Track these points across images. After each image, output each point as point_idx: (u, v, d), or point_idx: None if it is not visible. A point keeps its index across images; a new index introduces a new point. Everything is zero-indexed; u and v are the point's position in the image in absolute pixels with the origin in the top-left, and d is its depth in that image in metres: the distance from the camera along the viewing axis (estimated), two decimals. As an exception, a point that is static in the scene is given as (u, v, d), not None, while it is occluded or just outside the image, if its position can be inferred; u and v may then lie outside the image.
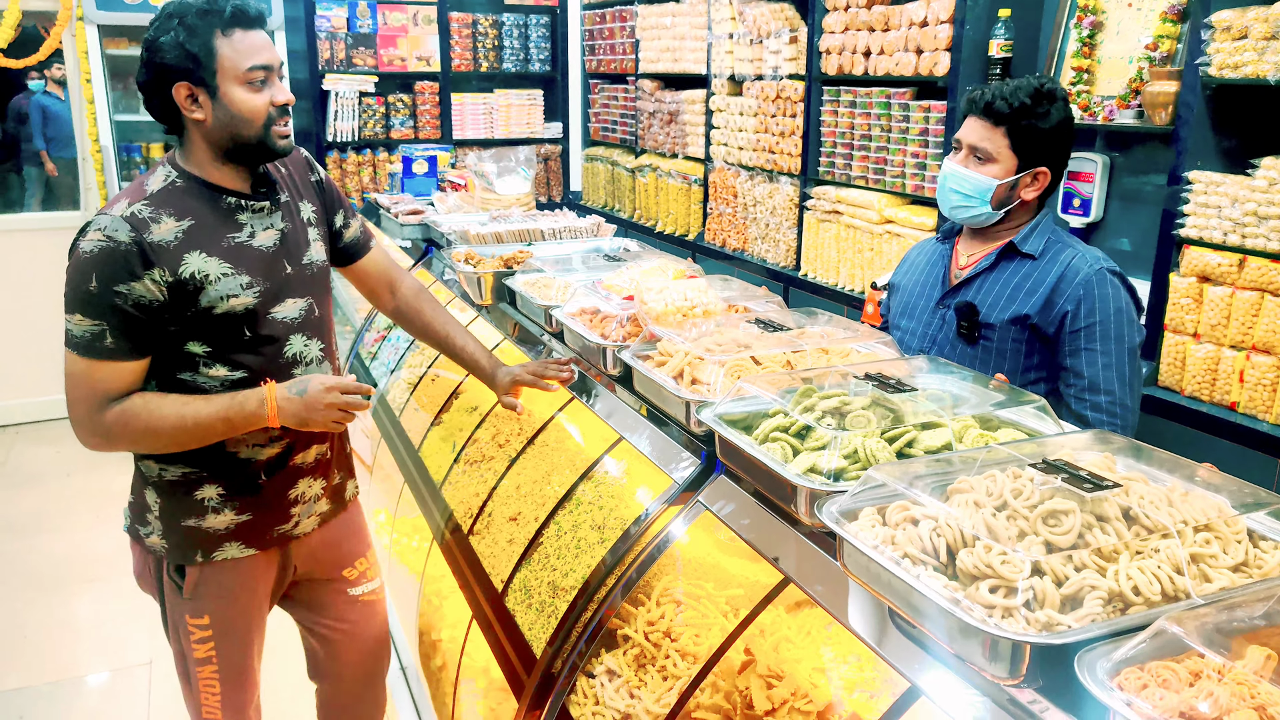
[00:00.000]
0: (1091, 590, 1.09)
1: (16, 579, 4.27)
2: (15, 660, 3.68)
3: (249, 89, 1.86)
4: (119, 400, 1.86)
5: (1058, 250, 2.18)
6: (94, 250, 1.79)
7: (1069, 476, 1.24)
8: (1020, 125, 2.10)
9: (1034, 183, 2.17)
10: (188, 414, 1.86)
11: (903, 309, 2.45)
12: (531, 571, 2.03)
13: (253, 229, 1.97)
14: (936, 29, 3.57)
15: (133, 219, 1.81)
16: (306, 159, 2.21)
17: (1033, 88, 2.10)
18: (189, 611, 2.08)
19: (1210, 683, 0.93)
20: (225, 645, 2.12)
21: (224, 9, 1.82)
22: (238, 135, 1.89)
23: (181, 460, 1.98)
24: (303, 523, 2.16)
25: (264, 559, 2.12)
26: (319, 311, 2.10)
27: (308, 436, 2.09)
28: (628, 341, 2.17)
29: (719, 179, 5.08)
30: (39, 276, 5.87)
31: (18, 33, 5.54)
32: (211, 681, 2.14)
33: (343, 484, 2.28)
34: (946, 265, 2.35)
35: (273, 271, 1.98)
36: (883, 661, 1.28)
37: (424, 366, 3.26)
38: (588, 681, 1.72)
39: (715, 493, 1.71)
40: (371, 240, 2.36)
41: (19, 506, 4.98)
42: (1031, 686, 1.06)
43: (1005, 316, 2.17)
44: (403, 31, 6.26)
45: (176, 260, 1.83)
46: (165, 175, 1.92)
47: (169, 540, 2.03)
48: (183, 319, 1.87)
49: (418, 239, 4.03)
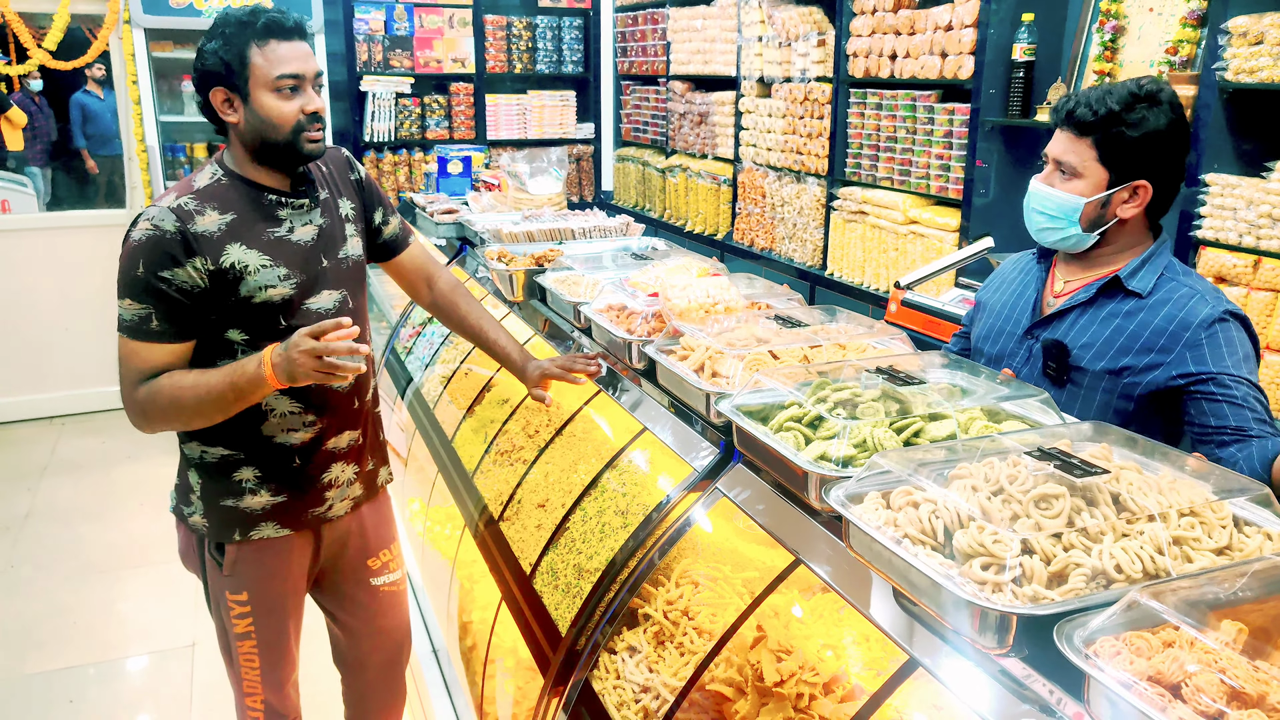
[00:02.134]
0: (1076, 568, 1.17)
1: (64, 565, 4.44)
2: (64, 642, 3.84)
3: (278, 96, 1.99)
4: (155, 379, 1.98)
5: (1171, 289, 1.89)
6: (142, 239, 1.93)
7: (1061, 464, 1.31)
8: (1109, 134, 1.85)
9: (1132, 199, 1.89)
10: (201, 384, 1.96)
11: (986, 333, 2.18)
12: (558, 555, 2.12)
13: (292, 224, 2.10)
14: (961, 33, 3.63)
15: (179, 211, 1.95)
16: (347, 158, 2.32)
17: (1127, 92, 1.84)
18: (229, 588, 2.19)
19: (1179, 650, 1.00)
20: (263, 621, 2.23)
21: (258, 21, 1.96)
22: (267, 138, 2.02)
23: (221, 443, 2.11)
24: (336, 506, 2.26)
25: (299, 540, 2.23)
26: (353, 303, 2.21)
27: (339, 421, 2.20)
28: (652, 336, 2.26)
29: (747, 179, 5.16)
30: (84, 273, 6.07)
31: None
32: (251, 656, 2.25)
33: (375, 470, 2.39)
34: (1039, 290, 2.08)
35: (309, 264, 2.10)
36: (886, 638, 1.36)
37: (457, 361, 3.37)
38: (609, 657, 1.82)
39: (733, 480, 1.79)
40: (410, 237, 2.48)
41: (66, 496, 5.15)
42: (1018, 656, 1.14)
43: (1100, 365, 1.91)
44: (438, 34, 6.39)
45: (218, 251, 1.96)
46: (212, 173, 2.06)
47: (209, 519, 2.16)
48: (223, 307, 2.00)
49: (452, 237, 4.15)
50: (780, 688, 1.48)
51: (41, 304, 6.03)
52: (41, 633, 3.89)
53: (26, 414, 6.16)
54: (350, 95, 6.34)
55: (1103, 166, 1.87)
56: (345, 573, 2.40)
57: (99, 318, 6.12)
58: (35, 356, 6.08)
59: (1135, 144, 1.84)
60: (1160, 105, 1.84)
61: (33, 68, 5.76)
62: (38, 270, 5.98)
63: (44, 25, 5.70)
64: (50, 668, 3.67)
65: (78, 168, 9.62)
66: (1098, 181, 1.88)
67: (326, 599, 2.44)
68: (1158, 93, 1.85)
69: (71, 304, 6.10)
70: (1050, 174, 1.95)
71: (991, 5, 3.49)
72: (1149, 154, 1.86)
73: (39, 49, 5.64)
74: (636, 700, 1.71)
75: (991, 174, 3.67)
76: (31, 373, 6.10)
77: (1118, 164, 1.86)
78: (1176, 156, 1.89)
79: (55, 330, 6.11)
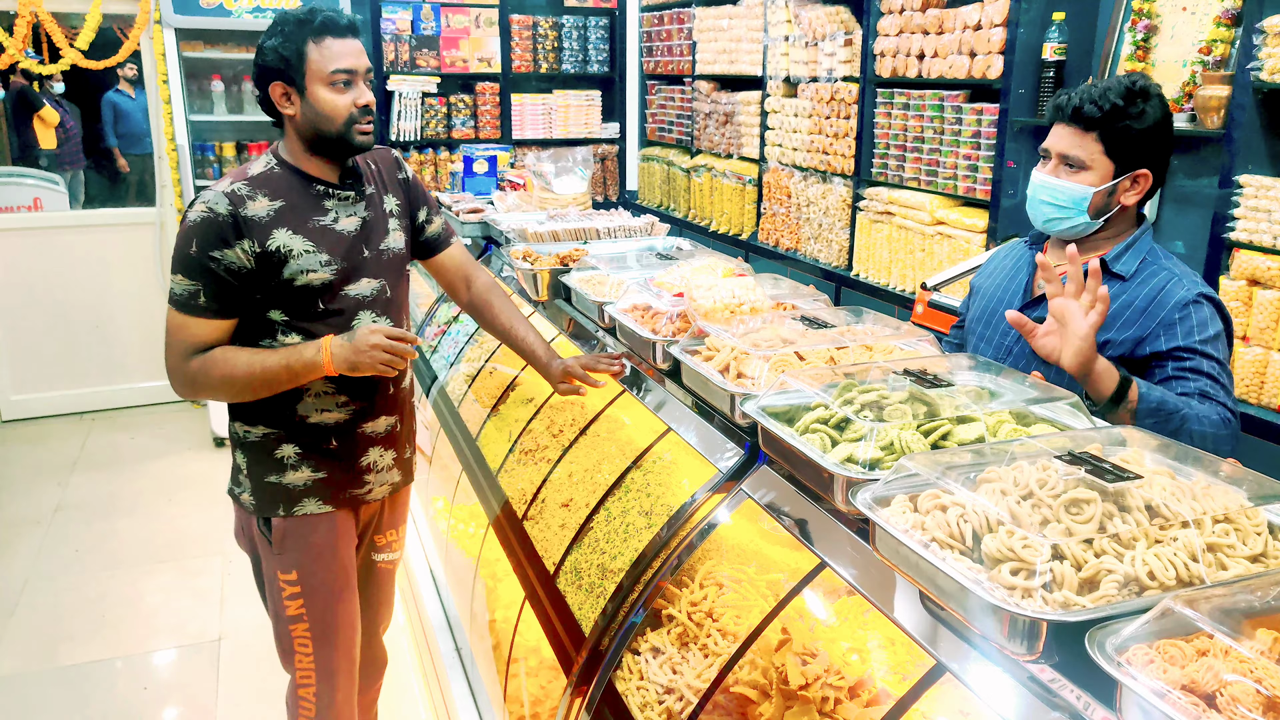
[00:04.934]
0: (1108, 574, 1.15)
1: (94, 559, 4.49)
2: (93, 635, 3.88)
3: (333, 90, 2.11)
4: (204, 352, 2.12)
5: (1152, 272, 2.02)
6: (197, 220, 2.06)
7: (1092, 468, 1.30)
8: (1115, 128, 1.96)
9: (1134, 186, 2.01)
10: (255, 362, 2.11)
11: (980, 315, 2.31)
12: (582, 554, 2.12)
13: (337, 214, 2.22)
14: (990, 32, 3.60)
15: (232, 195, 2.08)
16: (396, 158, 2.44)
17: (1124, 87, 1.96)
18: (279, 567, 2.29)
19: (1213, 659, 0.99)
20: (314, 602, 2.30)
21: (315, 19, 2.08)
22: (321, 130, 2.14)
23: (262, 422, 2.25)
24: (376, 490, 2.39)
25: (341, 516, 2.33)
26: (391, 293, 2.31)
27: (374, 407, 2.31)
28: (677, 337, 2.25)
29: (773, 179, 5.14)
30: (115, 271, 6.14)
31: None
32: (304, 640, 2.32)
33: (412, 458, 2.51)
34: (1030, 273, 2.22)
35: (351, 253, 2.22)
36: (913, 642, 1.35)
37: (481, 360, 3.38)
38: (633, 658, 1.81)
39: (757, 481, 1.78)
40: (453, 237, 2.58)
41: (97, 490, 5.21)
42: (1048, 663, 1.12)
43: None
44: (465, 34, 6.41)
45: (266, 234, 2.09)
46: (266, 162, 2.20)
47: (256, 496, 2.28)
48: (267, 288, 2.13)
49: (477, 237, 4.16)
50: (805, 691, 1.47)
51: (72, 301, 6.09)
52: (71, 625, 3.94)
53: (58, 409, 6.24)
54: (377, 95, 6.36)
55: (1109, 158, 1.99)
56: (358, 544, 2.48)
57: (130, 315, 6.19)
58: (67, 353, 6.14)
59: (1139, 136, 1.96)
60: (1153, 99, 1.97)
61: (65, 66, 5.82)
62: (69, 268, 6.05)
63: (76, 25, 5.76)
64: (80, 660, 3.71)
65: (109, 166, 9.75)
66: (1104, 173, 2.00)
67: None
68: (1149, 88, 1.98)
69: (102, 301, 6.16)
70: (1056, 167, 2.04)
71: (1022, 4, 3.46)
72: (1149, 145, 1.98)
73: (71, 48, 5.70)
74: (660, 701, 1.71)
75: (1020, 175, 3.63)
76: (63, 369, 6.17)
77: (1122, 155, 1.98)
78: (1169, 147, 2.03)
79: (86, 327, 6.18)
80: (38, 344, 6.08)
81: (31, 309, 6.02)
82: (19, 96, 8.34)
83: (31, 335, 6.06)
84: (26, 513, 4.94)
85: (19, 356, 6.07)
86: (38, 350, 6.09)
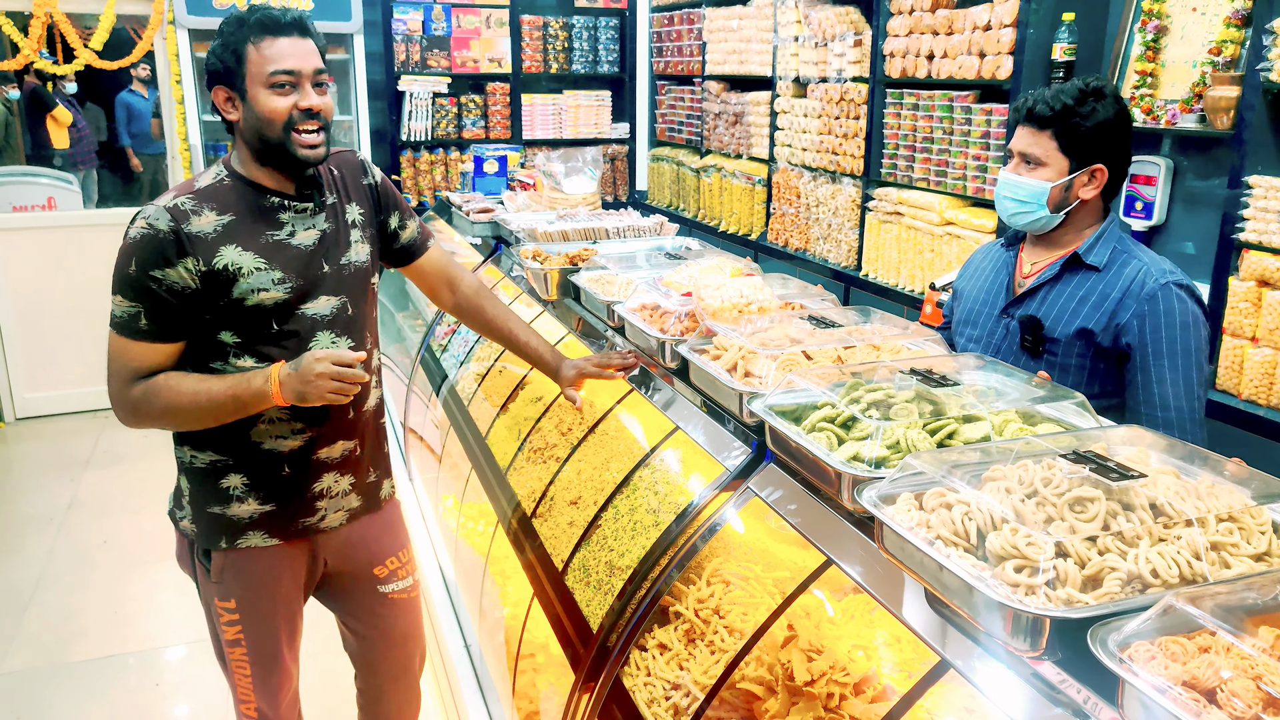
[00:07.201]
0: (1111, 572, 1.16)
1: (106, 555, 4.52)
2: (104, 632, 3.91)
3: (272, 92, 1.96)
4: (148, 378, 2.00)
5: (1123, 262, 2.13)
6: (137, 237, 1.94)
7: (1096, 467, 1.31)
8: (1066, 126, 2.08)
9: (1091, 181, 2.13)
10: (202, 390, 1.97)
11: (965, 316, 2.41)
12: (590, 552, 2.14)
13: (293, 228, 2.07)
14: (1000, 33, 3.60)
15: (174, 210, 1.95)
16: (362, 162, 2.29)
17: (1076, 89, 2.08)
18: (217, 595, 2.18)
19: (1214, 655, 1.00)
20: (252, 629, 2.20)
21: (253, 18, 1.95)
22: (263, 136, 1.99)
23: (210, 448, 2.10)
24: (329, 517, 2.23)
25: (289, 550, 2.20)
26: (353, 311, 2.17)
27: (331, 431, 2.16)
28: (685, 336, 2.26)
29: (782, 179, 5.15)
30: (129, 269, 6.16)
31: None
32: (242, 663, 2.23)
33: (377, 482, 2.35)
34: (1010, 273, 2.31)
35: (308, 269, 2.07)
36: (917, 639, 1.36)
37: (491, 359, 3.39)
38: (640, 654, 1.82)
39: (765, 480, 1.79)
40: (430, 240, 2.44)
41: (109, 487, 5.24)
42: (1050, 659, 1.13)
43: (1069, 331, 2.15)
44: (475, 34, 6.44)
45: (212, 252, 1.95)
46: (215, 174, 2.05)
47: (198, 525, 2.15)
48: (215, 308, 1.99)
49: (487, 236, 4.17)
50: (811, 687, 1.48)
51: (86, 299, 6.12)
52: (83, 621, 3.97)
53: (71, 407, 6.28)
54: (388, 95, 6.40)
55: (1063, 155, 2.11)
56: (352, 581, 2.36)
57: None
58: (80, 351, 6.18)
59: (1090, 133, 2.09)
60: (1105, 99, 2.09)
61: (79, 67, 5.87)
62: (82, 267, 6.08)
63: (90, 25, 5.81)
64: (91, 656, 3.74)
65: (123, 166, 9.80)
66: (1060, 168, 2.12)
67: (336, 605, 2.42)
68: (1102, 88, 2.09)
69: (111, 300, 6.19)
70: (1017, 165, 2.19)
71: (1031, 4, 3.46)
72: (1101, 141, 2.10)
73: (85, 49, 5.74)
74: (667, 697, 1.72)
75: (1029, 175, 3.63)
76: (76, 367, 6.21)
77: (1076, 151, 2.11)
78: (1124, 143, 2.15)
79: (99, 325, 6.14)
80: (51, 342, 6.12)
81: (45, 307, 6.06)
82: (33, 96, 8.40)
83: (45, 333, 6.10)
84: (39, 510, 4.97)
85: (32, 354, 6.12)
86: (51, 348, 6.14)
